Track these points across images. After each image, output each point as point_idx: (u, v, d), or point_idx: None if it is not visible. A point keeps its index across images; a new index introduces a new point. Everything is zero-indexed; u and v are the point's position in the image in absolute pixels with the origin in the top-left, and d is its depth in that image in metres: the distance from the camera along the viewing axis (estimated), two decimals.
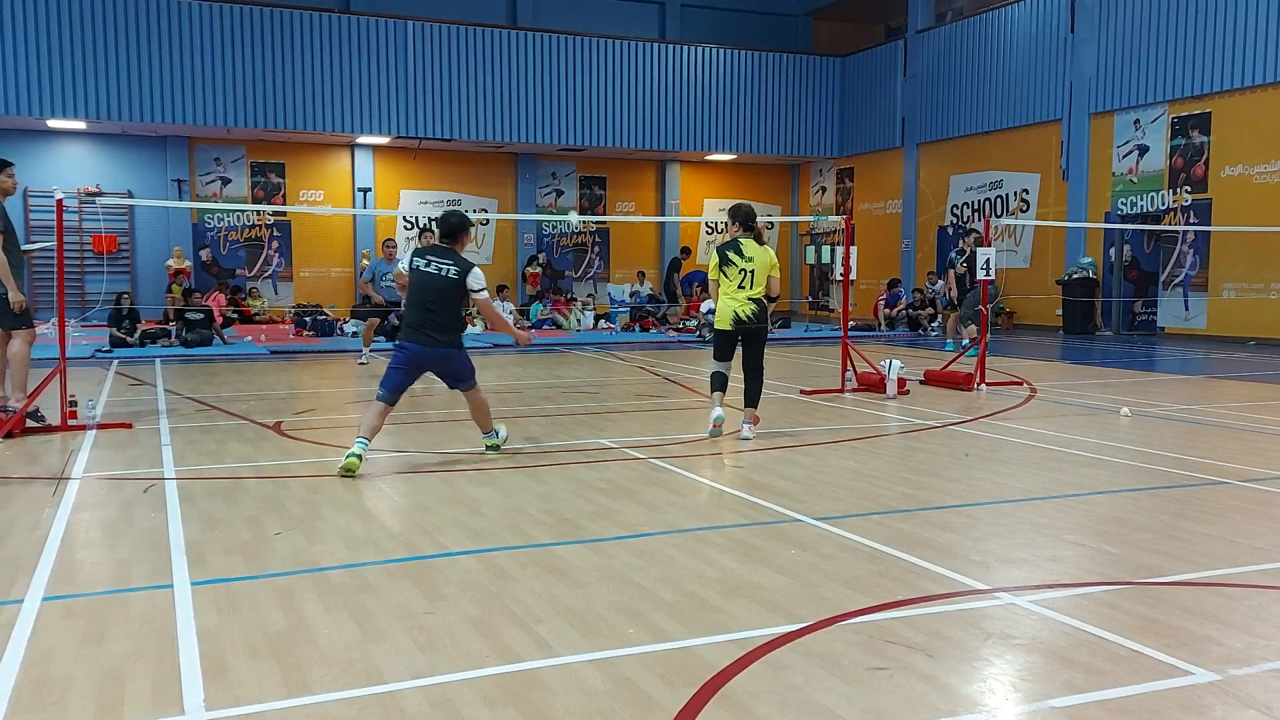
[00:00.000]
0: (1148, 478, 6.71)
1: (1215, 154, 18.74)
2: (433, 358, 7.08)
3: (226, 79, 21.78)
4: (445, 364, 7.15)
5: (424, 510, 5.80)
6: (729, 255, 8.00)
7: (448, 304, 6.99)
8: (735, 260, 7.97)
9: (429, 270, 6.99)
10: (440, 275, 6.96)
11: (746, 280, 7.95)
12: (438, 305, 6.95)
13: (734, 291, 7.97)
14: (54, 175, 21.78)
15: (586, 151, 26.28)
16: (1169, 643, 3.71)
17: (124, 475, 6.77)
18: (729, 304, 7.99)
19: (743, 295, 7.96)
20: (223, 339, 17.86)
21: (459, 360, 7.16)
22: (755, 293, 7.98)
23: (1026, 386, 11.60)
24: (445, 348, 7.04)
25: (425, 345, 6.98)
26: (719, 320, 8.10)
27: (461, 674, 3.44)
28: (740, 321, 7.98)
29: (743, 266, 7.95)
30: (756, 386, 8.21)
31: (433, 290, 6.96)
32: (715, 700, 3.23)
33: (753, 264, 7.95)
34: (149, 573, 4.62)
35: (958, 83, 23.99)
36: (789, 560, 4.76)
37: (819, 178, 29.36)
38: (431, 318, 6.97)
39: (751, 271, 7.95)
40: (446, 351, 7.06)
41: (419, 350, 7.00)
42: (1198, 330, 19.07)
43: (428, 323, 6.97)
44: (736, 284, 7.96)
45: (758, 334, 8.10)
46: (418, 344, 6.99)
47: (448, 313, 7.00)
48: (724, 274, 8.02)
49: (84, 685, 3.37)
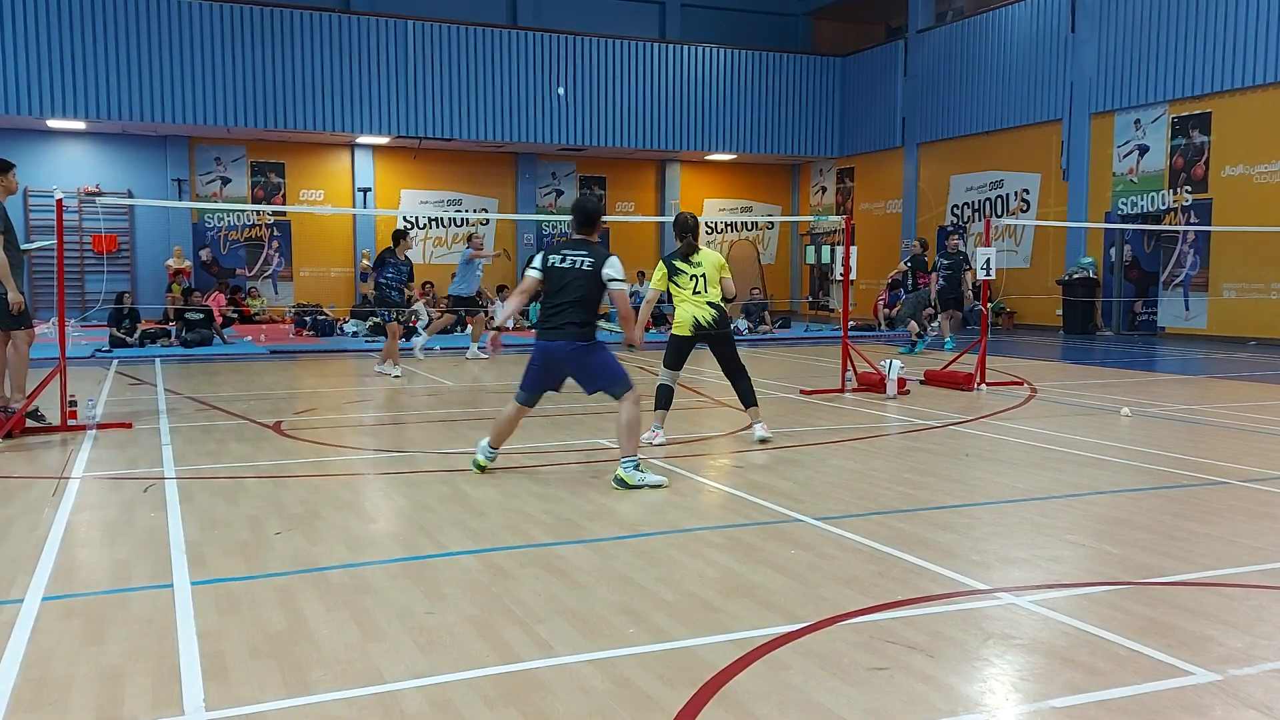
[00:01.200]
0: (1148, 478, 6.71)
1: (1215, 154, 18.74)
2: (564, 355, 6.46)
3: (226, 79, 21.77)
4: (578, 363, 6.47)
5: (424, 510, 5.80)
6: (676, 264, 7.86)
7: (579, 299, 6.42)
8: (683, 268, 7.82)
9: (564, 267, 6.47)
10: (575, 269, 6.44)
11: (700, 284, 7.81)
12: (569, 300, 6.42)
13: (690, 297, 7.81)
14: (54, 175, 21.77)
15: (586, 151, 26.28)
16: (1169, 643, 3.70)
17: (124, 475, 6.77)
18: (688, 309, 7.81)
19: (700, 300, 7.80)
20: (223, 339, 17.87)
21: (594, 358, 6.48)
22: (712, 296, 7.85)
23: (1027, 386, 11.60)
24: (574, 342, 6.40)
25: (554, 341, 6.44)
26: (678, 326, 7.86)
27: (461, 674, 3.44)
28: (701, 327, 7.80)
29: (692, 273, 7.80)
30: (748, 385, 8.06)
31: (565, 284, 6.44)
32: (715, 700, 3.22)
33: (701, 268, 7.82)
34: (149, 573, 4.61)
35: (958, 83, 23.99)
36: (789, 560, 4.76)
37: (819, 178, 29.35)
38: (561, 314, 6.44)
39: (703, 275, 7.81)
40: (576, 347, 6.42)
41: (548, 346, 6.48)
42: (1198, 330, 19.07)
43: (558, 318, 6.45)
44: (691, 290, 7.80)
45: (724, 338, 7.94)
46: (548, 340, 6.47)
47: (579, 309, 6.41)
48: (675, 284, 7.86)
49: (84, 685, 3.37)
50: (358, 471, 6.98)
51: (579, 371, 6.51)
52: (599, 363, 6.48)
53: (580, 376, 6.54)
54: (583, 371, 6.50)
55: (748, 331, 20.99)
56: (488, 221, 26.43)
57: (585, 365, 6.46)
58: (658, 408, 7.89)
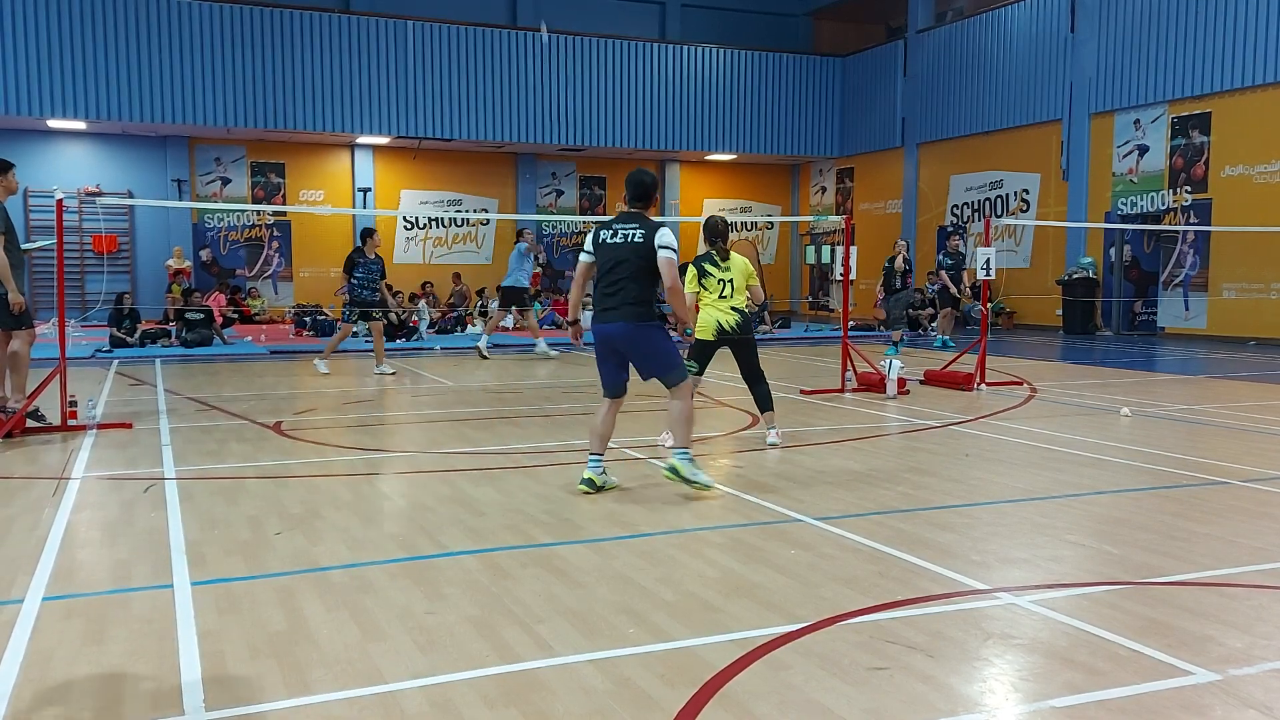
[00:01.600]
0: (1148, 478, 6.71)
1: (1215, 154, 18.74)
2: (621, 336, 6.06)
3: (226, 79, 21.78)
4: (633, 345, 6.08)
5: (424, 510, 5.80)
6: (705, 267, 7.88)
7: (633, 274, 6.00)
8: (712, 271, 7.84)
9: (616, 241, 6.07)
10: (627, 243, 6.02)
11: (727, 289, 7.84)
12: (623, 276, 6.01)
13: (715, 301, 7.84)
14: (54, 175, 21.78)
15: (586, 151, 26.28)
16: (1169, 643, 3.71)
17: (124, 475, 6.77)
18: (712, 313, 7.84)
19: (725, 304, 7.82)
20: (223, 339, 17.87)
21: (650, 341, 6.07)
22: (737, 301, 7.88)
23: (1026, 386, 11.60)
24: (631, 323, 6.00)
25: (609, 323, 6.05)
26: (701, 330, 7.86)
27: (462, 674, 3.44)
28: (724, 331, 7.83)
29: (720, 276, 7.82)
30: (765, 391, 8.08)
31: (619, 260, 6.04)
32: (715, 700, 3.23)
33: (730, 273, 7.86)
34: (149, 573, 4.62)
35: (958, 83, 23.99)
36: (789, 560, 4.76)
37: (819, 178, 29.35)
38: (616, 293, 6.03)
39: (730, 280, 7.85)
40: (633, 328, 6.01)
41: (604, 330, 6.09)
42: (1198, 330, 19.07)
43: (613, 298, 6.04)
44: (717, 294, 7.82)
45: (746, 343, 7.97)
46: (603, 323, 6.08)
47: (635, 284, 5.99)
48: (703, 286, 7.88)
49: (84, 685, 3.37)
50: (358, 471, 6.97)
51: (634, 353, 6.13)
52: (657, 347, 6.10)
53: (636, 359, 6.16)
54: (638, 354, 6.13)
55: None
56: (488, 222, 26.44)
57: (641, 347, 6.09)
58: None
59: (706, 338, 7.88)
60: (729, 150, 26.67)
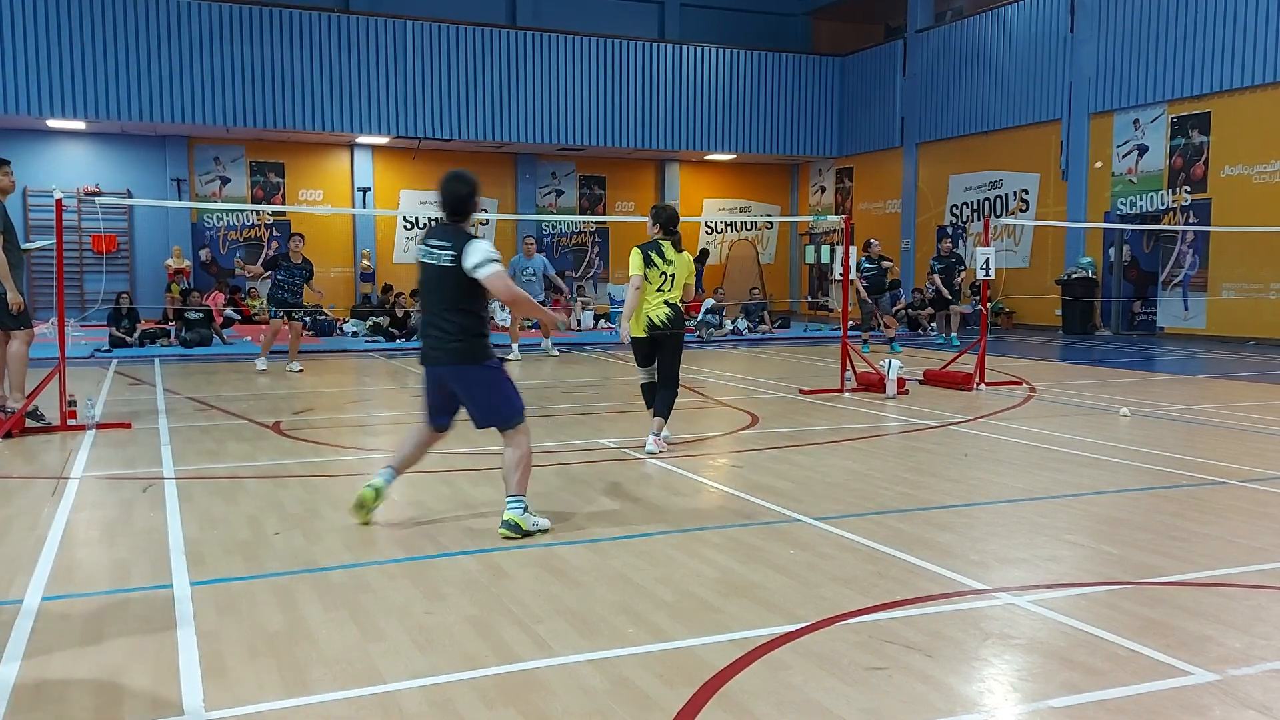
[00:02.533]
0: (1147, 478, 6.71)
1: (1215, 154, 18.74)
2: (448, 377, 5.31)
3: (226, 79, 21.77)
4: (461, 386, 5.29)
5: (423, 510, 5.80)
6: (651, 257, 7.53)
7: (446, 301, 5.19)
8: (657, 263, 7.52)
9: (426, 261, 5.26)
10: (438, 265, 5.18)
11: (666, 284, 7.52)
12: (435, 305, 5.25)
13: (652, 295, 7.53)
14: (53, 175, 21.77)
15: (586, 151, 26.28)
16: (1168, 643, 3.71)
17: (123, 475, 6.77)
18: (643, 309, 7.55)
19: (659, 299, 7.51)
20: (222, 339, 17.87)
21: (478, 382, 5.25)
22: (673, 297, 7.55)
23: (1026, 386, 11.60)
24: (454, 365, 5.23)
25: (431, 364, 5.33)
26: (634, 327, 7.61)
27: (461, 674, 3.45)
28: (655, 326, 7.51)
29: (664, 270, 7.51)
30: (670, 397, 7.72)
31: (432, 288, 5.28)
32: (714, 700, 3.23)
33: (673, 268, 7.53)
34: (148, 572, 4.61)
35: (957, 82, 23.99)
36: (788, 560, 4.76)
37: (818, 177, 29.35)
38: (434, 328, 5.27)
39: (672, 275, 7.52)
40: (456, 370, 5.25)
41: (429, 370, 5.38)
42: (1197, 330, 19.07)
43: (430, 331, 5.31)
44: (656, 286, 7.52)
45: (673, 339, 7.61)
46: (428, 364, 5.35)
47: (450, 313, 5.19)
48: (644, 276, 7.54)
49: (84, 685, 3.37)
50: (357, 471, 6.97)
51: (464, 399, 5.33)
52: (487, 396, 5.27)
53: (467, 405, 5.35)
54: (468, 400, 5.32)
55: (747, 331, 21.00)
56: (487, 221, 26.42)
57: (471, 394, 5.29)
58: (649, 406, 7.80)
59: (638, 334, 7.61)
60: (728, 150, 26.67)
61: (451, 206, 5.26)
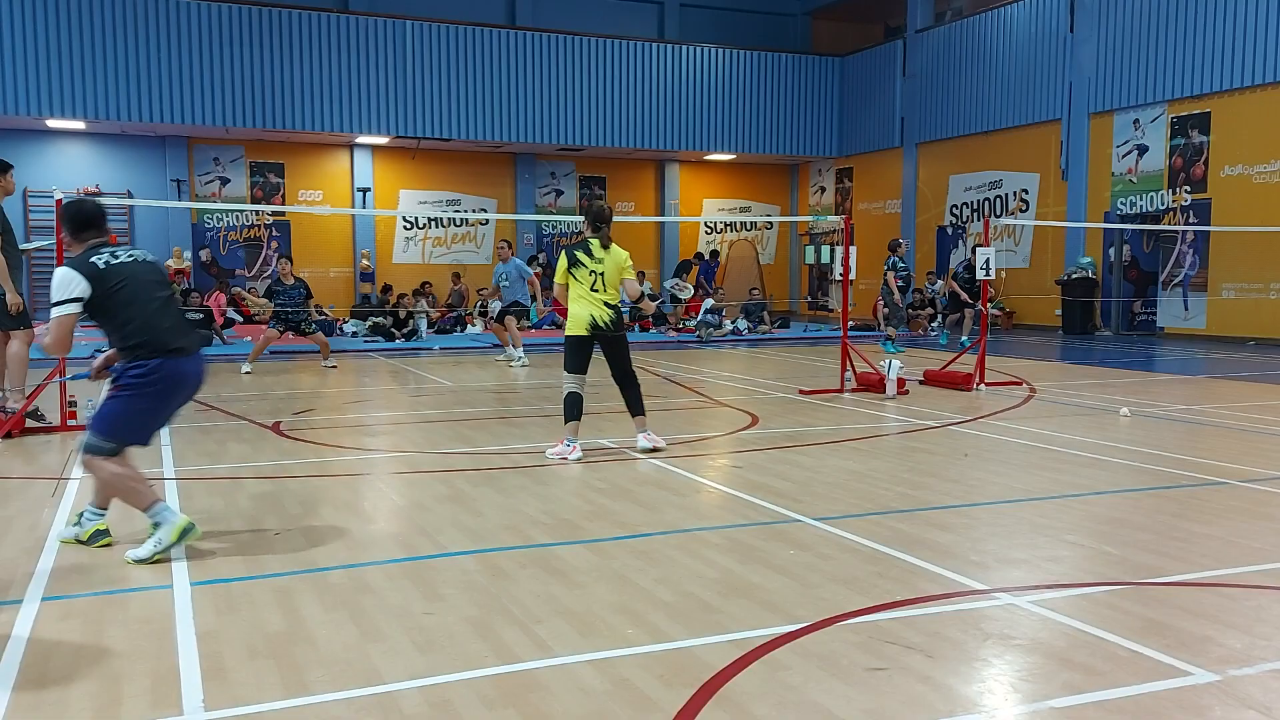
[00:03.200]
0: (1147, 478, 6.71)
1: (1215, 154, 18.74)
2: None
3: (226, 79, 21.76)
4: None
5: (423, 510, 5.80)
6: (578, 256, 7.46)
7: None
8: (585, 261, 7.43)
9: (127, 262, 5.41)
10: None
11: (599, 283, 7.42)
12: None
13: (587, 294, 7.42)
14: (54, 175, 21.76)
15: (586, 151, 26.28)
16: (1169, 643, 3.71)
17: None
18: (584, 308, 7.42)
19: (598, 299, 7.42)
20: (222, 339, 17.87)
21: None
22: (610, 296, 7.47)
23: (1026, 386, 11.60)
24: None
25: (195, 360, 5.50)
26: (573, 325, 7.46)
27: (460, 674, 3.45)
28: (598, 327, 7.42)
29: (592, 268, 7.41)
30: (637, 393, 7.68)
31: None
32: (714, 701, 3.23)
33: (603, 266, 7.43)
34: (148, 573, 4.62)
35: (957, 83, 23.99)
36: (788, 560, 4.76)
37: (818, 177, 29.36)
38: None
39: (602, 274, 7.42)
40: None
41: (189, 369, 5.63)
42: (1197, 330, 19.07)
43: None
44: (589, 286, 7.42)
45: (619, 340, 7.56)
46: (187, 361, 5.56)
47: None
48: (574, 276, 7.45)
49: (84, 685, 3.37)
50: (357, 472, 6.97)
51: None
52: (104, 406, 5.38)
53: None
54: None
55: (747, 331, 21.00)
56: (487, 222, 26.44)
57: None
58: (568, 420, 7.41)
59: (580, 333, 7.46)
60: (728, 150, 26.67)
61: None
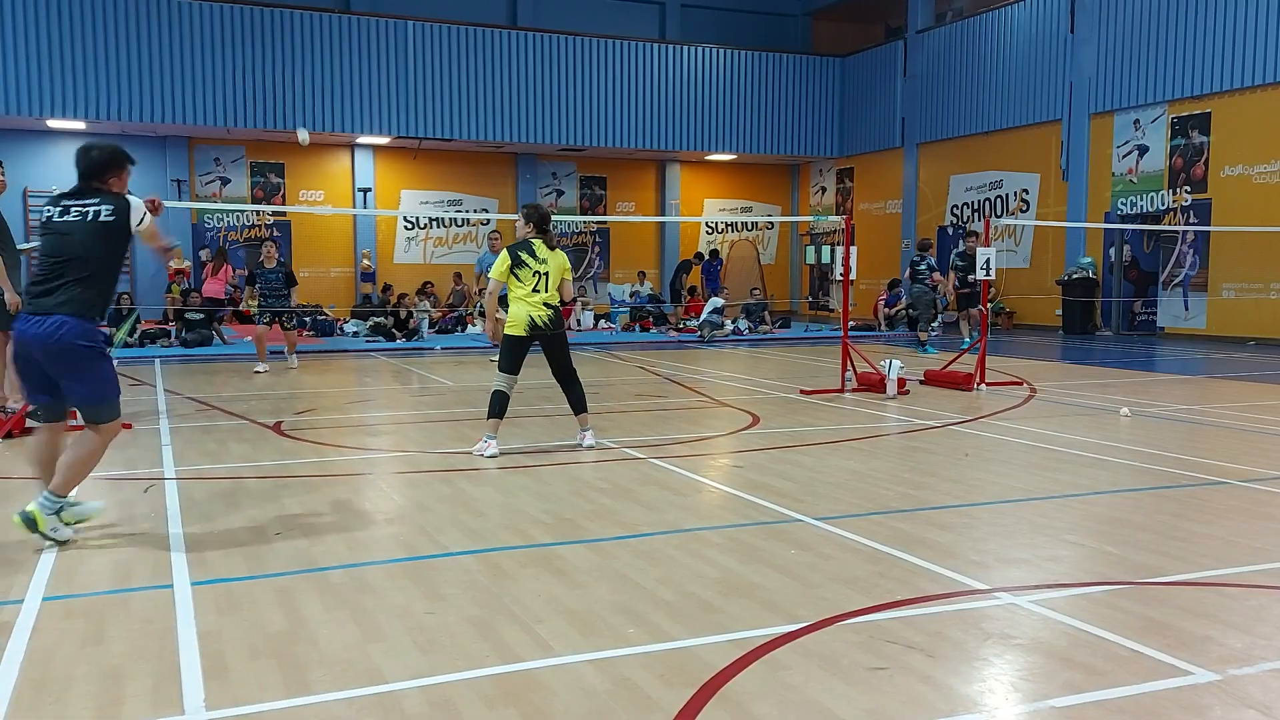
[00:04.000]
0: (1148, 478, 6.71)
1: (1215, 154, 18.74)
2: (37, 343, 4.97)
3: (226, 79, 21.77)
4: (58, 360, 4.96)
5: (424, 510, 5.80)
6: (521, 256, 7.46)
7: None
8: (529, 262, 7.44)
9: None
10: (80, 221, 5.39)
11: (541, 283, 7.44)
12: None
13: (528, 295, 7.45)
14: (54, 175, 21.73)
15: (586, 151, 26.28)
16: (1169, 643, 3.71)
17: (124, 475, 6.77)
18: (523, 309, 7.45)
19: (538, 299, 7.45)
20: (222, 339, 17.87)
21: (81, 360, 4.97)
22: (550, 297, 7.51)
23: (1026, 386, 11.60)
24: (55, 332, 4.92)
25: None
26: (513, 326, 7.47)
27: (461, 674, 3.45)
28: (537, 327, 7.46)
29: (536, 269, 7.43)
30: (579, 392, 7.79)
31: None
32: (715, 700, 3.23)
33: (546, 266, 7.46)
34: (149, 573, 4.62)
35: (958, 83, 23.99)
36: (789, 560, 4.76)
37: (819, 178, 29.35)
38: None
39: (546, 274, 7.45)
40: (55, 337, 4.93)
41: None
42: (1197, 330, 19.07)
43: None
44: (531, 287, 7.44)
45: (558, 339, 7.63)
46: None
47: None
48: (516, 276, 7.46)
49: (84, 685, 3.37)
50: (358, 471, 6.98)
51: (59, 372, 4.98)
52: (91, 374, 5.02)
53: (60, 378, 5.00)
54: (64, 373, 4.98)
55: (748, 331, 21.00)
56: (488, 222, 26.43)
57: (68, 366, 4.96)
58: (490, 415, 7.44)
59: (519, 334, 7.48)
60: (728, 150, 26.67)
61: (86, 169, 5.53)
